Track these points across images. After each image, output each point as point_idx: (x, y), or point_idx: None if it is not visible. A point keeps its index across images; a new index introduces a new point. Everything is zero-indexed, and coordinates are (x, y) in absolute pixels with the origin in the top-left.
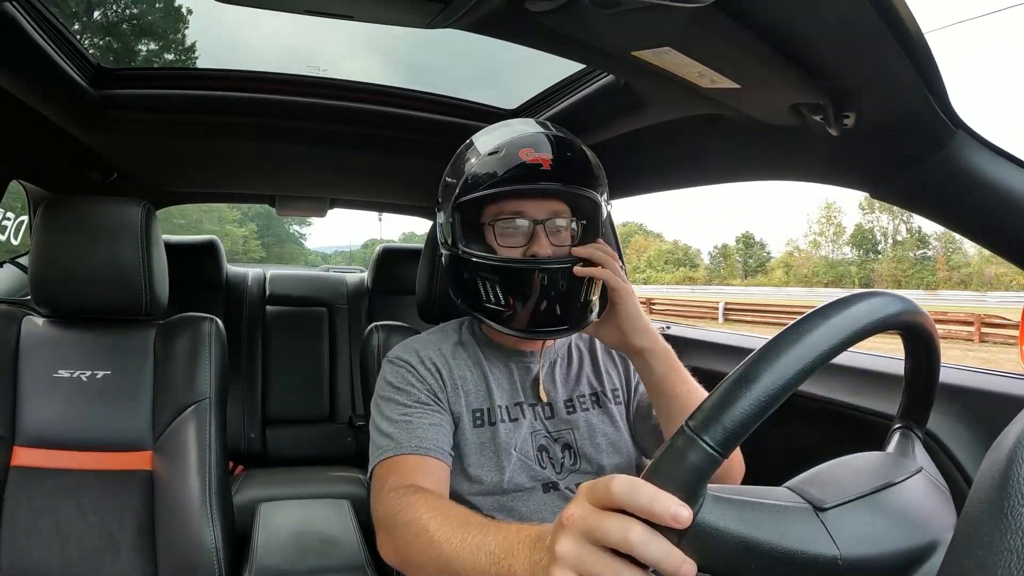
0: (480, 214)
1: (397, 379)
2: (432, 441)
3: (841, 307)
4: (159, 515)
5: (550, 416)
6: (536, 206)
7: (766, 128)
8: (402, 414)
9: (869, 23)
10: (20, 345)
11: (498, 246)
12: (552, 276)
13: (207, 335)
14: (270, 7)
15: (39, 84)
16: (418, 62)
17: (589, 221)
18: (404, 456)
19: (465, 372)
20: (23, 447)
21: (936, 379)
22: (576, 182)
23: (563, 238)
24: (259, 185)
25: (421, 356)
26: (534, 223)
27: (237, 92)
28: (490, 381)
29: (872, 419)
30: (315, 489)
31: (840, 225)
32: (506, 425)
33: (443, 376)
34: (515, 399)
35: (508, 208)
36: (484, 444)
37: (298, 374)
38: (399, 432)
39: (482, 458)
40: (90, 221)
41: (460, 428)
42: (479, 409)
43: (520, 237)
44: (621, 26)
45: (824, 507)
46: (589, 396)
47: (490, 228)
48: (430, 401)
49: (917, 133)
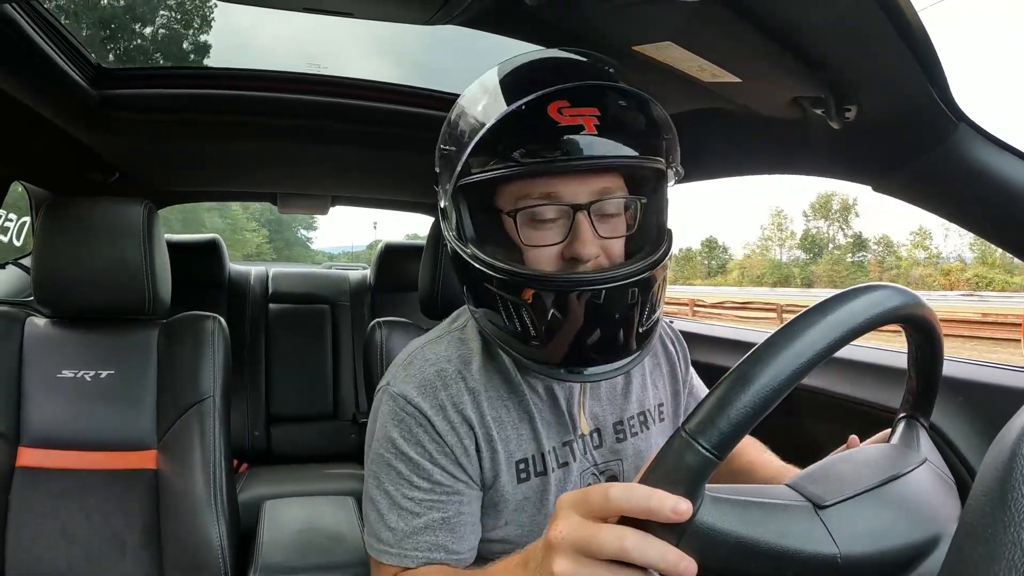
0: (495, 195)
1: (404, 437)
2: (447, 549)
3: (838, 303)
4: (164, 514)
5: (598, 445)
6: (576, 185)
7: (767, 122)
8: (408, 498)
9: (870, 16)
10: (24, 346)
11: (523, 244)
12: (610, 296)
13: (210, 334)
14: (270, 5)
15: (40, 85)
16: (422, 59)
17: (651, 198)
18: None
19: (501, 410)
20: (28, 448)
21: (940, 369)
22: (636, 147)
23: (616, 226)
24: (261, 183)
25: (440, 399)
26: (574, 209)
27: (238, 91)
28: (535, 417)
29: (877, 412)
30: (319, 486)
31: (791, 232)
32: (557, 474)
33: (475, 430)
34: (564, 436)
35: (536, 189)
36: (528, 499)
37: (301, 372)
38: (405, 532)
39: (523, 515)
40: (92, 221)
41: (495, 490)
42: (524, 459)
43: (555, 230)
44: (622, 21)
45: (824, 504)
46: (637, 416)
47: (511, 218)
48: (448, 480)
49: (919, 126)
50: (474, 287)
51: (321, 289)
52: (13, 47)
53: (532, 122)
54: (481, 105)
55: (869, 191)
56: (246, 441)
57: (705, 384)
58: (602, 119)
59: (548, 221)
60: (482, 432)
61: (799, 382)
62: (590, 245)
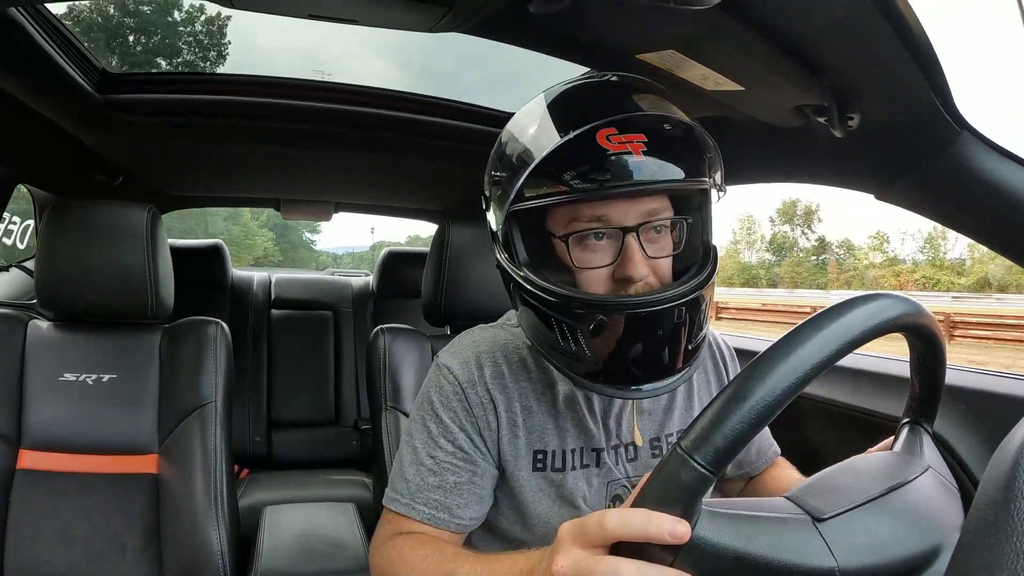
0: (546, 220)
1: (440, 401)
2: (451, 511)
3: (836, 314)
4: (165, 518)
5: (632, 459)
6: (625, 208)
7: (770, 130)
8: (431, 455)
9: (873, 24)
10: (26, 349)
11: (574, 267)
12: (660, 319)
13: (212, 338)
14: (275, 11)
15: (45, 88)
16: (428, 65)
17: (697, 218)
18: (414, 521)
19: (531, 401)
20: (29, 450)
21: (942, 375)
22: (684, 170)
23: (664, 245)
24: (264, 189)
25: (476, 375)
26: (623, 231)
27: (242, 96)
28: (565, 418)
29: (880, 421)
30: (320, 492)
31: (761, 236)
32: (576, 473)
33: (498, 411)
34: (592, 443)
35: (586, 213)
36: (544, 491)
37: (303, 377)
38: (419, 487)
39: (540, 507)
40: (96, 225)
41: (511, 473)
42: (543, 451)
43: (605, 253)
44: (625, 29)
45: (823, 517)
46: (677, 434)
47: (563, 241)
48: (472, 447)
49: (922, 134)
50: (527, 307)
51: (324, 295)
52: (19, 50)
53: (582, 150)
54: (531, 133)
55: (831, 197)
56: (247, 446)
57: None
58: (648, 145)
59: (598, 244)
60: (507, 415)
61: (796, 395)
62: (640, 266)
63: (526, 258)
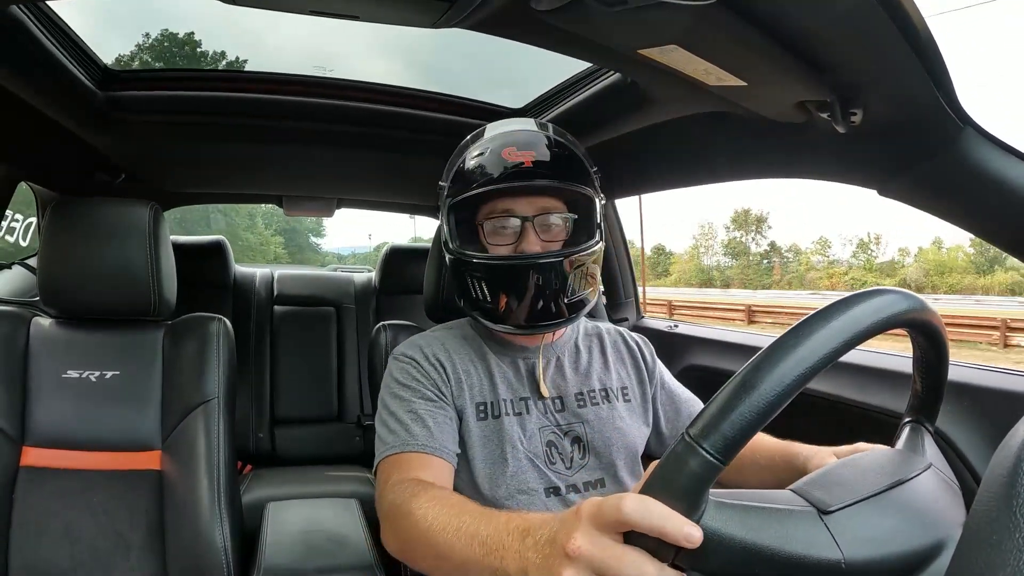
0: (475, 214)
1: (402, 375)
2: (437, 440)
3: (843, 308)
4: (168, 514)
5: (560, 409)
6: (525, 203)
7: (773, 126)
8: (408, 410)
9: (875, 19)
10: (29, 346)
11: (489, 244)
12: (539, 270)
13: (215, 335)
14: (276, 8)
15: (46, 86)
16: (428, 61)
17: (583, 215)
18: (408, 454)
19: (469, 367)
20: (32, 447)
21: (945, 373)
22: (560, 177)
23: (556, 234)
24: (267, 185)
25: (425, 352)
26: (523, 220)
27: (244, 93)
28: (494, 375)
29: (882, 416)
30: (323, 488)
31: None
32: (510, 419)
33: (447, 371)
34: (520, 394)
35: (498, 207)
36: (488, 437)
37: (306, 374)
38: (403, 430)
39: (486, 451)
40: (98, 222)
41: (464, 422)
42: (483, 402)
43: (510, 235)
44: (627, 24)
45: (828, 510)
46: (599, 391)
47: (479, 228)
48: (435, 397)
49: (924, 130)
50: (459, 277)
51: (326, 291)
52: (20, 48)
53: (492, 160)
54: (461, 151)
55: (784, 204)
56: (250, 443)
57: (703, 388)
58: (537, 159)
59: (506, 229)
60: (453, 376)
61: (803, 387)
62: (533, 244)
63: (459, 240)
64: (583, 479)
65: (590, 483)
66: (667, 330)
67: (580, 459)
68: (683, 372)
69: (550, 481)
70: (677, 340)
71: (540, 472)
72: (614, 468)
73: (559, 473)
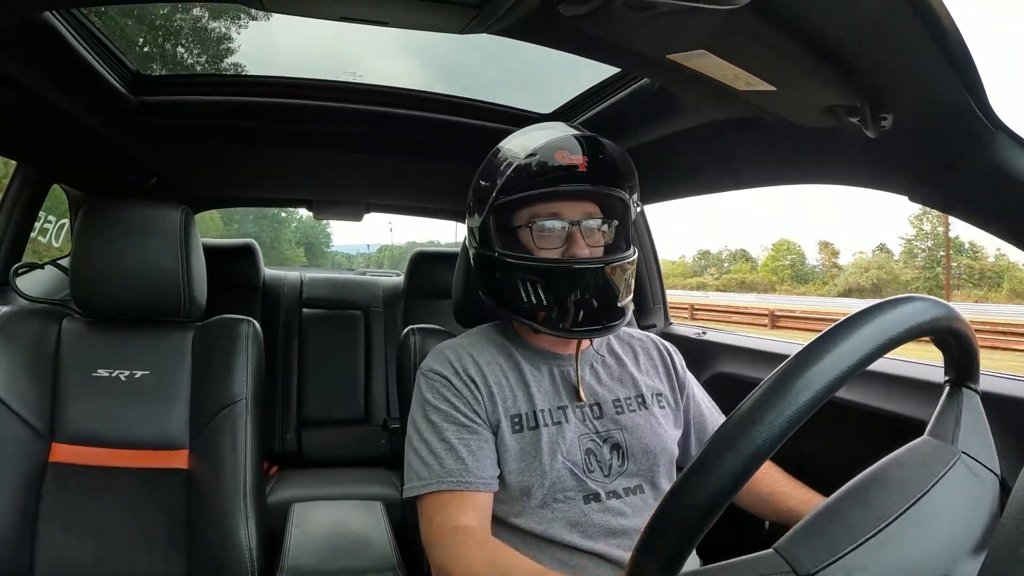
0: (512, 217)
1: (433, 395)
2: (472, 472)
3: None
4: (194, 513)
5: (599, 416)
6: (571, 207)
7: (801, 131)
8: (440, 439)
9: (905, 23)
10: (60, 345)
11: (536, 247)
12: (593, 276)
13: (244, 337)
14: (306, 14)
15: (79, 90)
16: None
17: (620, 222)
18: (447, 493)
19: (501, 378)
20: (61, 444)
21: (975, 346)
22: (610, 183)
23: (596, 239)
24: (296, 189)
25: (455, 367)
26: (570, 224)
27: (274, 98)
28: (530, 385)
29: (911, 424)
30: (348, 490)
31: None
32: (549, 429)
33: (479, 386)
34: (558, 402)
35: (544, 210)
36: (524, 449)
37: (334, 376)
38: (437, 463)
39: (522, 463)
40: (130, 224)
41: (500, 436)
42: (518, 414)
43: (557, 239)
44: (655, 29)
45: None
46: (635, 398)
47: (525, 230)
48: (469, 421)
49: (956, 135)
50: (498, 280)
51: (354, 295)
52: (53, 53)
53: (544, 162)
54: (506, 153)
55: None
56: (277, 444)
57: (730, 396)
58: (589, 164)
59: (553, 232)
60: (485, 389)
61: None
62: (583, 249)
63: (500, 243)
64: (622, 485)
65: (629, 489)
66: (695, 337)
67: (619, 466)
68: (711, 380)
69: (588, 488)
70: (705, 347)
71: (578, 480)
72: (652, 474)
73: (597, 481)
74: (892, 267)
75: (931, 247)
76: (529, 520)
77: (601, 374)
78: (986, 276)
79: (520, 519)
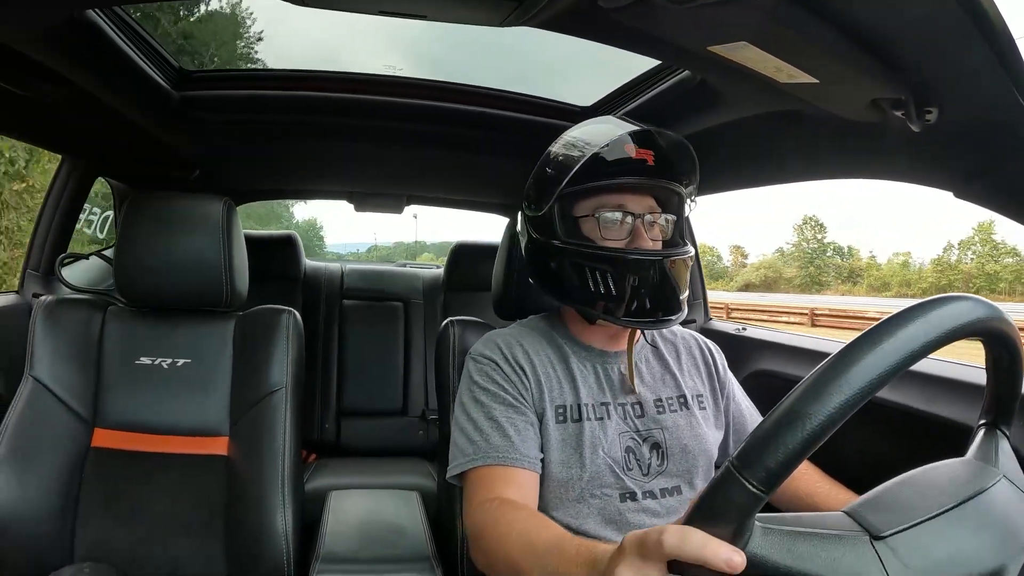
0: (575, 207)
1: (482, 378)
2: (518, 450)
3: (894, 328)
4: (232, 499)
5: (640, 415)
6: (636, 200)
7: (845, 124)
8: (488, 417)
9: (952, 17)
10: (104, 333)
11: (600, 237)
12: (656, 268)
13: (285, 327)
14: (344, 8)
15: (123, 86)
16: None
17: (678, 217)
18: (490, 467)
19: (549, 369)
20: (103, 429)
21: (1020, 382)
22: (678, 179)
23: (656, 233)
24: (336, 182)
25: (505, 353)
26: (634, 217)
27: (314, 92)
28: (576, 378)
29: (953, 427)
30: (385, 480)
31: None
32: (591, 423)
33: (527, 373)
34: (601, 399)
35: (611, 201)
36: (566, 441)
37: (373, 367)
38: (483, 440)
39: (563, 454)
40: (174, 216)
41: (544, 424)
42: (563, 405)
43: (622, 230)
44: (697, 21)
45: (881, 535)
46: (676, 398)
47: (590, 220)
48: (516, 403)
49: (1004, 132)
50: (555, 269)
51: (394, 286)
52: (98, 50)
53: (616, 154)
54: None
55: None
56: (316, 433)
57: (770, 394)
58: (658, 158)
59: (618, 224)
60: (533, 377)
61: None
62: (647, 242)
63: (564, 233)
64: (660, 485)
65: (667, 490)
66: (735, 333)
67: (658, 465)
68: (750, 377)
69: (625, 486)
70: (745, 344)
71: (616, 477)
72: (691, 475)
73: (635, 479)
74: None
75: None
76: (565, 514)
77: (644, 373)
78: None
79: (557, 512)
